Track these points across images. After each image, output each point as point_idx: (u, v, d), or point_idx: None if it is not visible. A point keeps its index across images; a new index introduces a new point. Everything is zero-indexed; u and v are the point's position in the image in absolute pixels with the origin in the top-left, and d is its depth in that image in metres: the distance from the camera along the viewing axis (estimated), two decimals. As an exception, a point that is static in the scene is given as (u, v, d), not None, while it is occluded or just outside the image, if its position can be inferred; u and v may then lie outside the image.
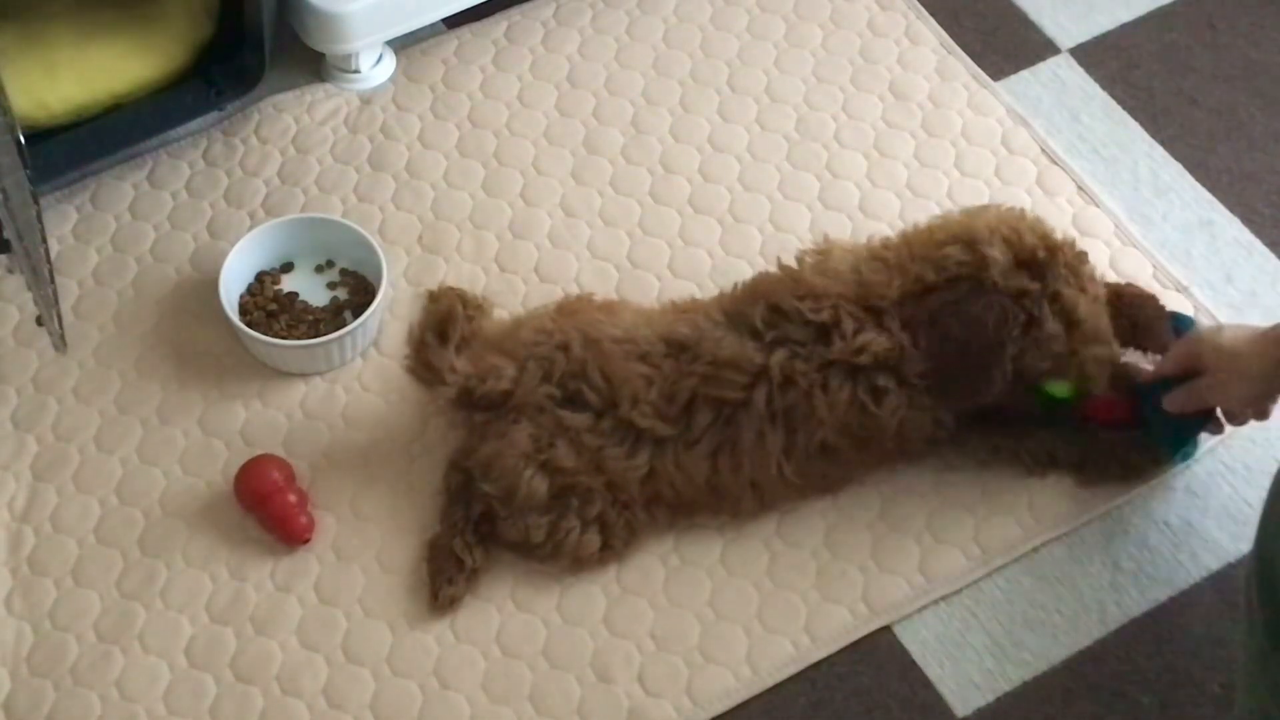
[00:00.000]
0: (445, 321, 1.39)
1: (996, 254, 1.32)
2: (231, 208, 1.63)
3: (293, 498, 1.39)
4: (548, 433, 1.34)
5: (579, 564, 1.37)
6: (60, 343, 1.48)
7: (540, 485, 1.33)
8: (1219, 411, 1.41)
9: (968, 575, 1.40)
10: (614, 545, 1.37)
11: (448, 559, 1.36)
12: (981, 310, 1.31)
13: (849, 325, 1.33)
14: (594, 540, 1.36)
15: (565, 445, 1.34)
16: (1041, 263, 1.32)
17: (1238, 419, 1.40)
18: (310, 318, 1.52)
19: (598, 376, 1.35)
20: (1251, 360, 1.31)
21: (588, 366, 1.35)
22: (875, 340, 1.33)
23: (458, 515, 1.38)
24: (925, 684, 1.35)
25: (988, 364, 1.32)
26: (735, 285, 1.44)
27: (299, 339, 1.49)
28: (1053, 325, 1.32)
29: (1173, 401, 1.38)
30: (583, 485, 1.34)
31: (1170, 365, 1.39)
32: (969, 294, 1.32)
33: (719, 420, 1.34)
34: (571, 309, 1.45)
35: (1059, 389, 1.38)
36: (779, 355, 1.34)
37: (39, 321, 1.50)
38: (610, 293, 1.56)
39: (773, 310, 1.36)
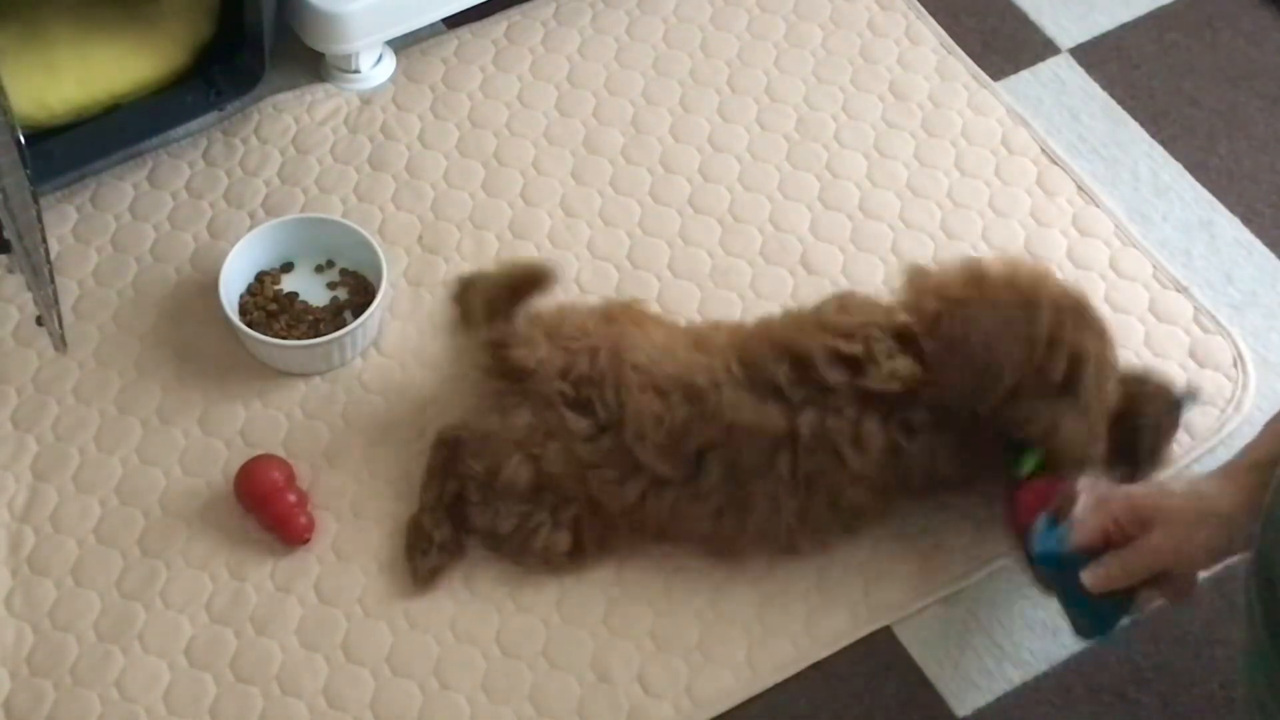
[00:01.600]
0: (543, 280, 1.42)
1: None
2: (231, 208, 1.63)
3: (293, 498, 1.39)
4: (546, 428, 1.34)
5: (547, 564, 1.36)
6: (60, 343, 1.48)
7: (524, 474, 1.33)
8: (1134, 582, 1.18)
9: (968, 575, 1.40)
10: (585, 548, 1.36)
11: (418, 534, 1.37)
12: (990, 319, 1.28)
13: (881, 349, 1.30)
14: (564, 540, 1.35)
15: (557, 449, 1.33)
16: (1070, 306, 1.28)
17: (1187, 588, 1.17)
18: (310, 318, 1.52)
19: (610, 395, 1.33)
20: (1221, 499, 1.09)
21: (604, 381, 1.33)
22: (906, 364, 1.29)
23: (431, 494, 1.38)
24: (925, 684, 1.35)
25: (988, 365, 1.27)
26: (745, 324, 1.41)
27: (299, 339, 1.49)
28: (1056, 372, 1.26)
29: (1102, 576, 1.13)
30: (564, 489, 1.34)
31: (1094, 532, 1.17)
32: (983, 309, 1.28)
33: (730, 478, 1.31)
34: (614, 316, 1.42)
35: (1029, 460, 1.31)
36: (809, 416, 1.30)
37: (39, 321, 1.50)
38: (610, 293, 1.56)
39: (798, 364, 1.31)
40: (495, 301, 1.43)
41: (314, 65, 1.75)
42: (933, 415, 1.31)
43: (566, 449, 1.33)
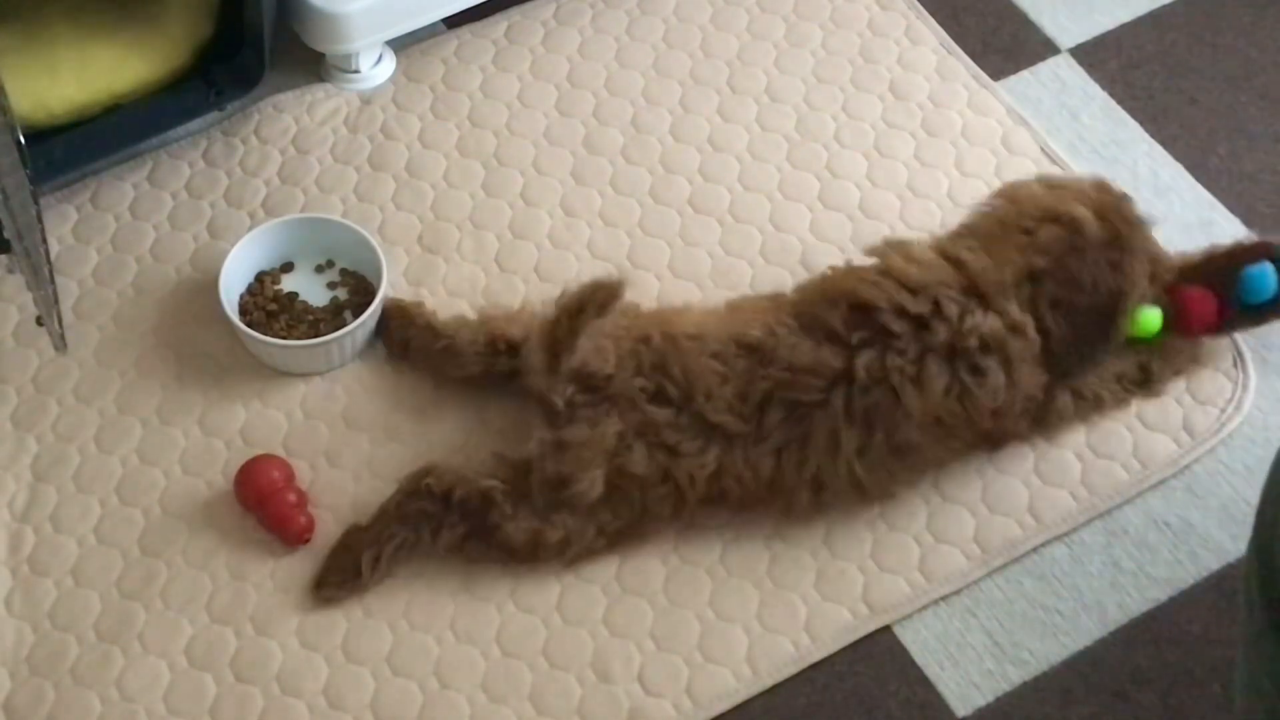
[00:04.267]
0: (611, 296, 1.31)
1: (1086, 214, 1.36)
2: (231, 208, 1.63)
3: (293, 498, 1.39)
4: (632, 431, 1.34)
5: (569, 567, 1.38)
6: (60, 343, 1.47)
7: (597, 488, 1.33)
8: None
9: (968, 575, 1.40)
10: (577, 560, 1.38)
11: (350, 561, 1.35)
12: (1098, 272, 1.36)
13: (953, 309, 1.34)
14: (601, 549, 1.37)
15: (642, 448, 1.34)
16: (1117, 211, 1.39)
17: None
18: (310, 318, 1.52)
19: (677, 370, 1.35)
20: None
21: (668, 359, 1.35)
22: (983, 322, 1.34)
23: (396, 531, 1.35)
24: (925, 684, 1.35)
25: (1115, 320, 1.37)
26: (785, 291, 1.45)
27: (299, 339, 1.49)
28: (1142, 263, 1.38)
29: None
30: (629, 498, 1.34)
31: None
32: (1079, 264, 1.36)
33: (791, 418, 1.35)
34: (631, 311, 1.42)
35: (1150, 323, 1.44)
36: (866, 356, 1.34)
37: (39, 321, 1.50)
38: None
39: (856, 310, 1.35)
40: (555, 343, 1.33)
41: (314, 65, 1.75)
42: (1000, 357, 1.35)
43: (650, 444, 1.34)
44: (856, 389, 1.34)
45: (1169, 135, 1.73)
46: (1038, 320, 1.36)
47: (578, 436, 1.34)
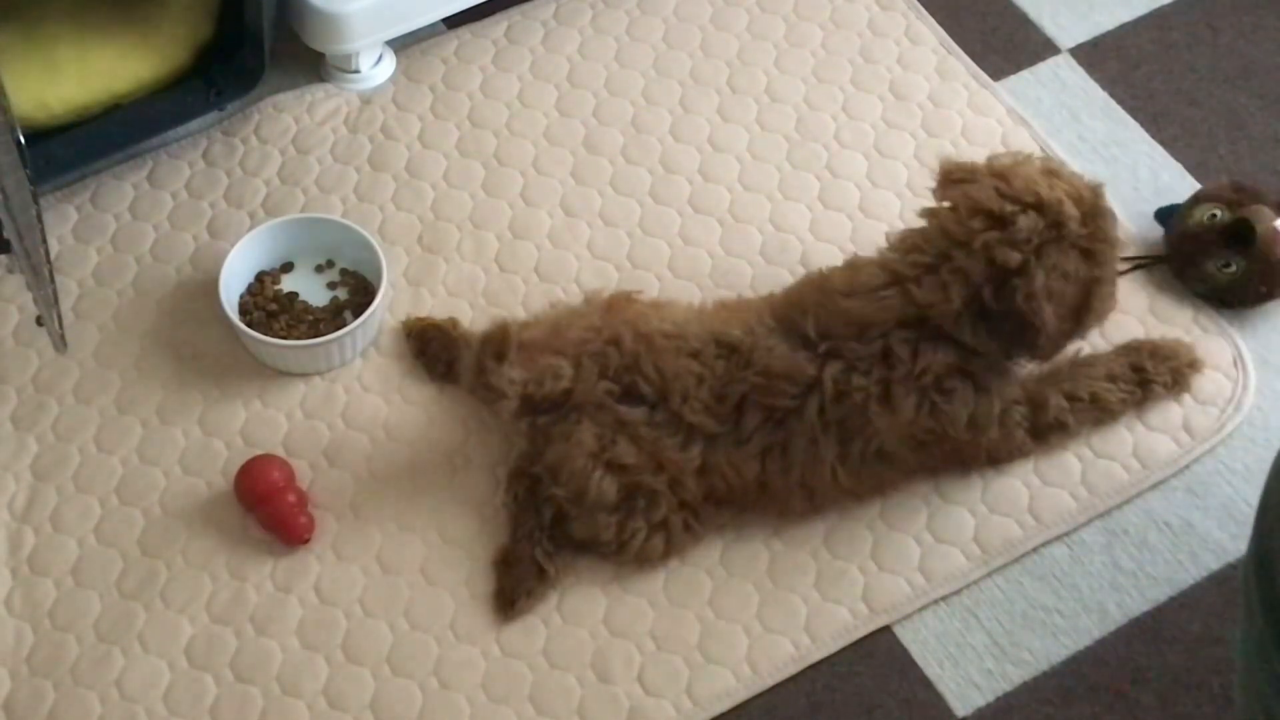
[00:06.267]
0: (502, 342, 1.35)
1: (1072, 210, 1.32)
2: (231, 208, 1.63)
3: (293, 498, 1.39)
4: (610, 430, 1.34)
5: (641, 562, 1.38)
6: (60, 343, 1.47)
7: (610, 486, 1.33)
8: None
9: (968, 575, 1.40)
10: (674, 547, 1.38)
11: (528, 569, 1.36)
12: (1075, 268, 1.32)
13: (904, 350, 1.32)
14: (658, 545, 1.37)
15: (626, 442, 1.34)
16: (1096, 206, 1.35)
17: None
18: (310, 318, 1.52)
19: (650, 369, 1.35)
20: None
21: (640, 359, 1.35)
22: (936, 358, 1.33)
23: (531, 524, 1.37)
24: (925, 684, 1.35)
25: (1088, 308, 1.35)
26: (779, 290, 1.44)
27: (299, 339, 1.49)
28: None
29: None
30: (647, 485, 1.34)
31: None
32: (1053, 256, 1.31)
33: (769, 423, 1.35)
34: (618, 305, 1.44)
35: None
36: (833, 368, 1.33)
37: (39, 321, 1.50)
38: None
39: (825, 325, 1.35)
40: (495, 372, 1.36)
41: (314, 65, 1.75)
42: (965, 375, 1.34)
43: (633, 438, 1.34)
44: (828, 399, 1.33)
45: (1169, 135, 1.73)
46: (1022, 313, 1.30)
47: (558, 454, 1.34)
